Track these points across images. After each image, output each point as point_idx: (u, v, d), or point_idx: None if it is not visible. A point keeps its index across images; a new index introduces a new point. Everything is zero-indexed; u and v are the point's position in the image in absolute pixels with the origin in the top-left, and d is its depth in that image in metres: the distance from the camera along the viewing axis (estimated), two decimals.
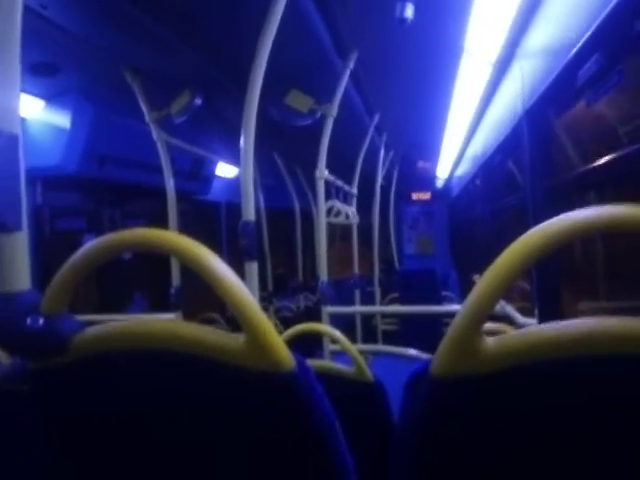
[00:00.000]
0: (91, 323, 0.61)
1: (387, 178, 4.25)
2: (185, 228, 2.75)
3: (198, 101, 2.08)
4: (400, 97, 2.66)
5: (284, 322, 3.79)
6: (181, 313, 2.24)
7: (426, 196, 6.42)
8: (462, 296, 4.79)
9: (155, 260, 3.07)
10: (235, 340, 0.53)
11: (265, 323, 0.52)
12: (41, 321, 0.54)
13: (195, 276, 0.53)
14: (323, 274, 2.12)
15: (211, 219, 4.42)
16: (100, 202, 3.00)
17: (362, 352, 1.79)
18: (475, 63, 2.11)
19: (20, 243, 0.57)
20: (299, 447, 0.57)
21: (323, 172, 2.07)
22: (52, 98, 2.20)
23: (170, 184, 2.28)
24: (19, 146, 0.56)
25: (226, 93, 2.24)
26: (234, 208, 4.56)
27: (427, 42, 1.89)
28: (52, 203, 2.61)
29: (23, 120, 2.23)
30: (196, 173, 3.30)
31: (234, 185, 4.27)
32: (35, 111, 2.21)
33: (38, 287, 0.60)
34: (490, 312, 0.47)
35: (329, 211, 2.99)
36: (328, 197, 2.46)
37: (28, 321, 0.54)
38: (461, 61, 2.06)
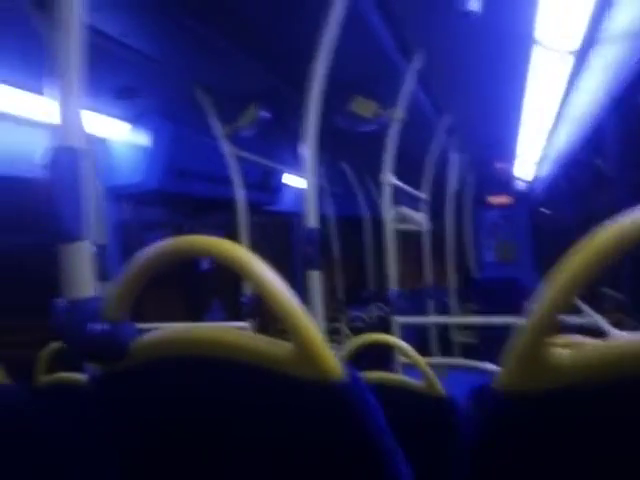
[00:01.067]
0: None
1: (461, 182, 4.07)
2: (258, 239, 2.83)
3: (265, 114, 2.14)
4: (471, 96, 2.55)
5: (356, 332, 3.75)
6: (255, 322, 2.28)
7: (505, 199, 6.06)
8: None
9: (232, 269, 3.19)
10: (284, 348, 0.52)
11: (313, 332, 0.51)
12: (102, 327, 0.57)
13: None
14: (393, 283, 2.07)
15: (283, 229, 4.52)
16: (182, 215, 3.18)
17: (436, 365, 1.71)
18: (549, 54, 1.96)
19: (83, 252, 0.60)
20: (349, 458, 0.55)
21: (389, 177, 2.03)
22: (135, 120, 2.38)
23: (240, 196, 2.36)
24: (80, 159, 0.60)
25: (291, 104, 2.28)
26: (300, 217, 4.63)
27: (495, 35, 1.79)
28: (140, 218, 2.81)
29: (108, 141, 2.43)
30: (265, 184, 3.39)
31: (300, 195, 4.34)
32: (120, 133, 2.40)
33: None
34: (558, 319, 0.42)
35: (399, 218, 2.92)
36: (397, 203, 2.40)
37: (90, 327, 0.57)
38: (533, 53, 1.92)
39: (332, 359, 0.51)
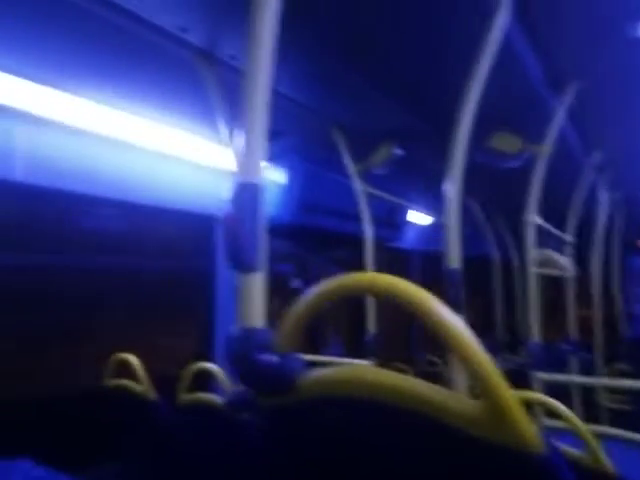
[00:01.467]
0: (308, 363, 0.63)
1: (609, 224, 3.63)
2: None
3: (398, 151, 2.14)
4: (627, 129, 2.28)
5: None
6: (376, 362, 2.23)
7: None
8: None
9: (351, 306, 3.20)
10: (467, 403, 0.47)
11: (508, 392, 0.45)
12: (273, 358, 0.57)
13: (388, 324, 0.50)
14: (534, 333, 1.87)
15: (403, 266, 4.43)
16: (306, 249, 3.30)
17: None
18: None
19: (259, 283, 0.62)
20: None
21: (533, 217, 1.87)
22: (272, 159, 2.55)
23: (369, 232, 2.36)
24: (261, 194, 0.63)
25: (426, 141, 2.26)
26: (426, 256, 4.51)
27: None
28: (270, 249, 2.97)
29: None
30: (391, 221, 3.37)
31: (427, 232, 4.23)
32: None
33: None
34: None
35: (539, 261, 2.67)
36: (539, 245, 2.20)
37: (262, 357, 0.58)
38: None
39: (530, 425, 0.45)
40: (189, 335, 2.45)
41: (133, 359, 1.61)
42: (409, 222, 3.77)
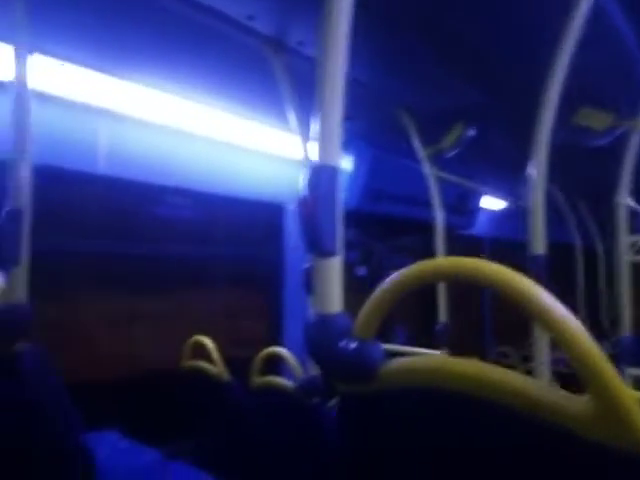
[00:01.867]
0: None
1: None
2: None
3: (471, 132, 2.04)
4: None
5: (559, 378, 3.27)
6: (447, 351, 2.17)
7: None
8: None
9: (420, 294, 3.13)
10: (574, 400, 0.42)
11: (620, 386, 0.40)
12: (353, 345, 0.55)
13: (459, 313, 0.46)
14: (626, 327, 1.72)
15: (474, 255, 4.25)
16: (371, 236, 3.25)
17: None
18: None
19: (335, 267, 0.61)
20: None
21: (626, 198, 1.71)
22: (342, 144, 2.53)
23: (440, 218, 2.28)
24: (337, 177, 0.61)
25: (498, 121, 2.13)
26: (497, 244, 4.29)
27: None
28: None
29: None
30: (461, 207, 3.24)
31: (498, 219, 4.02)
32: None
33: None
34: None
35: (630, 247, 2.45)
36: (630, 230, 2.02)
37: (341, 344, 0.56)
38: None
39: None
40: (260, 320, 2.51)
41: (208, 342, 1.68)
42: (480, 208, 3.60)
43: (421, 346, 2.37)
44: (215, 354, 1.62)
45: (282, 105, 1.62)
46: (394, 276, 0.54)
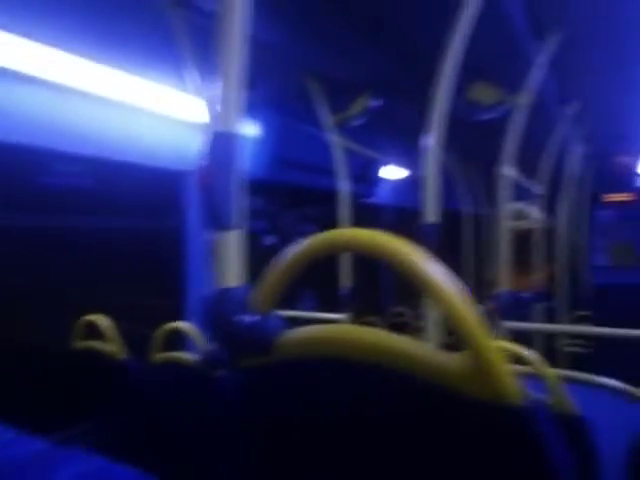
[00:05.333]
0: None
1: (579, 177, 3.70)
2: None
3: (377, 102, 2.07)
4: (608, 82, 2.26)
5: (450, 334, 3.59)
6: (351, 315, 2.26)
7: (625, 197, 5.43)
8: None
9: (325, 260, 3.20)
10: (451, 359, 0.45)
11: (491, 345, 0.44)
12: (252, 319, 0.54)
13: (359, 277, 0.48)
14: (504, 284, 1.91)
15: (377, 222, 4.44)
16: (279, 205, 3.24)
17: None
18: None
19: (234, 240, 0.58)
20: None
21: (508, 168, 1.86)
22: (244, 110, 2.43)
23: (344, 187, 2.32)
24: (238, 145, 0.57)
25: (403, 91, 2.19)
26: (400, 211, 4.51)
27: None
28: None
29: None
30: (365, 176, 3.33)
31: (400, 187, 4.21)
32: None
33: None
34: None
35: (510, 213, 2.71)
36: (510, 197, 2.22)
37: (240, 317, 0.55)
38: None
39: (512, 379, 0.44)
40: (161, 294, 2.40)
41: (102, 320, 1.57)
42: (383, 177, 3.74)
43: (329, 310, 2.44)
44: (110, 332, 1.52)
45: (184, 65, 1.51)
46: (290, 250, 0.53)
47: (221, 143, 0.58)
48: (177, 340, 1.79)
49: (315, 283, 3.75)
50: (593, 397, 1.86)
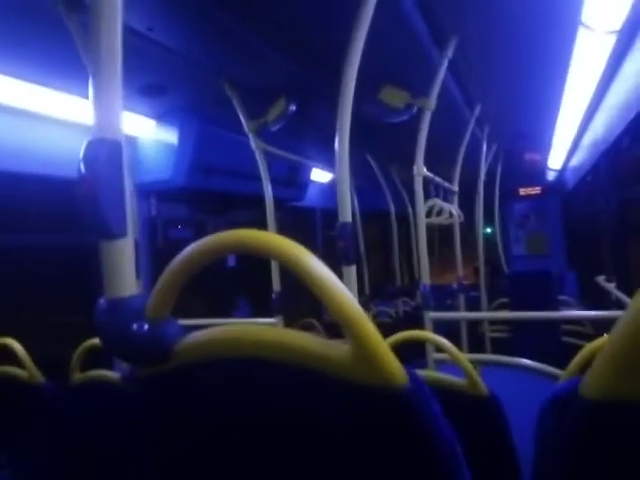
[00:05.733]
0: (196, 327, 0.60)
1: (490, 174, 3.97)
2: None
3: (293, 107, 2.10)
4: (505, 84, 2.45)
5: (382, 328, 3.70)
6: (282, 318, 2.26)
7: (535, 191, 5.89)
8: (582, 301, 4.30)
9: (258, 266, 3.19)
10: (339, 349, 0.48)
11: (372, 331, 0.46)
12: (146, 327, 0.54)
13: (294, 281, 0.50)
14: (425, 277, 2.01)
15: (307, 225, 4.49)
16: (205, 212, 3.18)
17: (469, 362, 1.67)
18: (593, 36, 1.86)
19: (125, 249, 0.57)
20: (412, 473, 0.50)
21: (421, 169, 1.96)
22: (161, 117, 2.37)
23: (268, 192, 2.33)
24: (122, 153, 0.57)
25: (319, 96, 2.24)
26: (329, 213, 4.60)
27: (538, 18, 1.70)
28: (165, 214, 2.82)
29: (136, 139, 2.43)
30: (292, 180, 3.36)
31: (328, 190, 4.30)
32: (147, 130, 2.40)
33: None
34: None
35: (429, 211, 2.85)
36: (427, 196, 2.33)
37: (134, 327, 0.54)
38: (578, 36, 1.83)
39: (394, 361, 0.47)
40: (77, 312, 2.28)
41: (14, 344, 1.46)
42: (311, 180, 3.79)
43: (263, 316, 2.43)
44: (23, 355, 1.42)
45: (82, 69, 1.45)
46: (181, 254, 0.53)
47: (99, 149, 0.56)
48: (101, 359, 1.71)
49: (250, 290, 3.72)
50: (510, 377, 2.01)
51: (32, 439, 1.54)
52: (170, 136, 2.41)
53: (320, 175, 3.96)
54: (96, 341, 1.58)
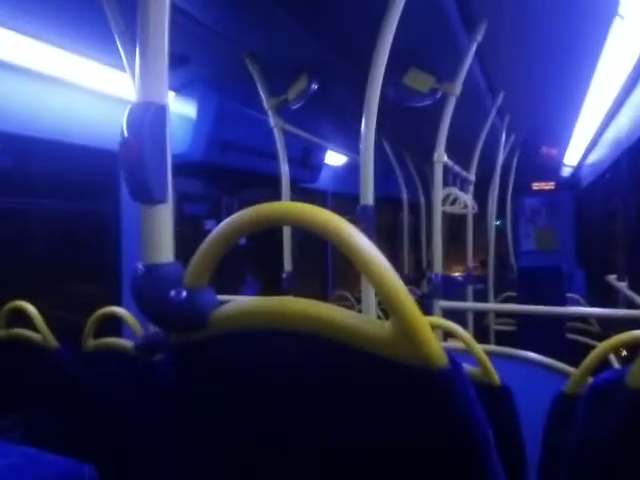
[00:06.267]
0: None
1: (505, 165, 3.92)
2: None
3: (314, 86, 2.07)
4: (530, 74, 2.40)
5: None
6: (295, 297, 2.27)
7: (549, 186, 5.82)
8: (590, 299, 4.29)
9: (269, 244, 3.20)
10: (381, 327, 0.47)
11: (416, 312, 0.46)
12: (184, 294, 0.54)
13: (304, 261, 0.49)
14: (437, 266, 2.00)
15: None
16: (220, 189, 3.17)
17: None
18: (629, 29, 1.81)
19: (165, 215, 0.57)
20: (446, 454, 0.51)
21: (442, 156, 1.94)
22: (181, 88, 2.34)
23: (285, 171, 2.31)
24: (166, 118, 0.56)
25: (342, 78, 2.21)
26: (339, 197, 4.58)
27: (573, 7, 1.65)
28: (179, 189, 2.81)
29: None
30: (306, 161, 3.33)
31: (341, 174, 4.27)
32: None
33: None
34: None
35: (444, 199, 2.82)
36: (444, 184, 2.31)
37: (172, 293, 0.54)
38: (612, 28, 1.78)
39: (435, 343, 0.47)
40: (94, 279, 2.29)
41: (29, 307, 1.48)
42: (325, 163, 3.76)
43: (271, 295, 2.44)
44: (38, 319, 1.44)
45: (114, 40, 1.44)
46: (223, 224, 0.53)
47: (144, 113, 0.55)
48: (112, 326, 1.72)
49: (259, 269, 3.73)
50: (516, 369, 2.01)
51: (44, 401, 1.57)
52: (189, 109, 2.39)
53: (333, 158, 3.92)
54: (110, 309, 1.60)
